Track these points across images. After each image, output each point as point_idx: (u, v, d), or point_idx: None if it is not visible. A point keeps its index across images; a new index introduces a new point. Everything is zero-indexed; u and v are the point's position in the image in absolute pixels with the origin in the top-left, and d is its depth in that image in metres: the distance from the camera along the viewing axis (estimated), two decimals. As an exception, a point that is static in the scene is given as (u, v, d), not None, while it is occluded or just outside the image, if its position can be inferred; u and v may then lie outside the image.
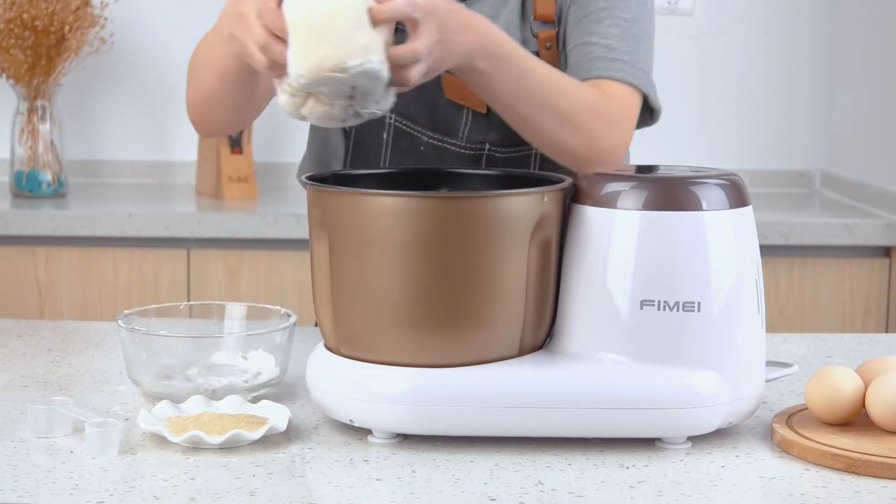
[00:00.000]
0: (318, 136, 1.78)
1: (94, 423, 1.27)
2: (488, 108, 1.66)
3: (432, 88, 1.68)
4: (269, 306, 1.54)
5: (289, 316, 1.49)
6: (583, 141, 1.52)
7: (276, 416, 1.33)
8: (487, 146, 1.66)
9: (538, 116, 1.49)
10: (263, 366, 1.46)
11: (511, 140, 1.64)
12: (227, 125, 1.67)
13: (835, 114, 3.40)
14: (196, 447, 1.28)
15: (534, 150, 1.66)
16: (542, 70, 1.50)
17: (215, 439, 1.27)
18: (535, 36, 1.66)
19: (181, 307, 1.56)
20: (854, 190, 3.20)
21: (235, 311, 1.55)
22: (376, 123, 1.70)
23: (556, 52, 1.66)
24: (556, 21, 1.66)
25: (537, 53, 1.65)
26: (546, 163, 1.64)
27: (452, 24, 1.37)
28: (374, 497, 1.18)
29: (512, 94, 1.47)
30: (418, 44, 1.33)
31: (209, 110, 1.61)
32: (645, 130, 1.73)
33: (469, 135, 1.67)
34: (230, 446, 1.28)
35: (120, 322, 1.46)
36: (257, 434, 1.29)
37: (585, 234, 1.32)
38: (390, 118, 1.69)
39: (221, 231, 2.83)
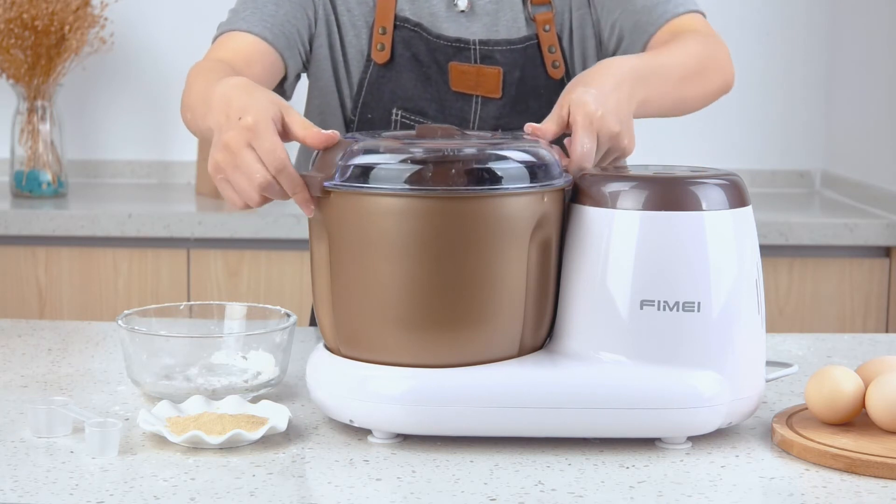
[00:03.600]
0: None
1: (94, 423, 1.27)
2: (503, 92, 1.68)
3: (438, 82, 1.69)
4: (269, 306, 1.54)
5: (289, 316, 1.49)
6: (721, 76, 1.66)
7: (276, 416, 1.33)
8: (500, 132, 1.68)
9: (687, 92, 1.59)
10: (263, 366, 1.46)
11: (523, 122, 1.67)
12: None
13: (834, 114, 3.40)
14: (196, 447, 1.28)
15: None
16: (662, 58, 1.57)
17: (215, 439, 1.27)
18: (534, 19, 1.69)
19: (181, 307, 1.56)
20: (854, 190, 3.20)
21: (235, 311, 1.55)
22: (381, 120, 1.70)
23: (554, 34, 1.69)
24: (552, 3, 1.71)
25: (537, 35, 1.69)
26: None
27: (593, 92, 1.42)
28: (374, 497, 1.18)
29: (663, 94, 1.53)
30: (578, 148, 1.39)
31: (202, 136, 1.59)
32: (645, 130, 1.74)
33: (480, 123, 1.69)
34: (230, 446, 1.28)
35: (120, 322, 1.46)
36: (257, 434, 1.29)
37: (585, 234, 1.32)
38: (396, 114, 1.70)
39: (221, 231, 2.83)
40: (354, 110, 1.72)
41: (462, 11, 1.71)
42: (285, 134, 1.33)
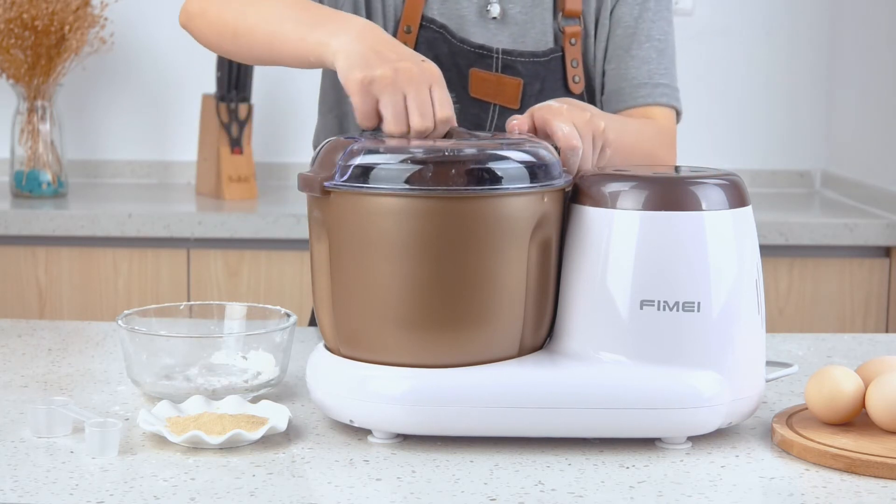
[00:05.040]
0: (330, 133, 1.79)
1: (94, 423, 1.27)
2: (521, 103, 1.68)
3: (457, 87, 1.69)
4: (269, 306, 1.54)
5: (289, 316, 1.49)
6: None
7: (276, 416, 1.33)
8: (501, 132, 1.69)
9: (630, 159, 1.63)
10: (263, 366, 1.46)
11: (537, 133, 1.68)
12: (228, 54, 1.64)
13: (835, 114, 3.40)
14: (196, 447, 1.28)
15: None
16: (626, 123, 1.66)
17: (215, 439, 1.27)
18: (562, 31, 1.69)
19: (181, 307, 1.56)
20: (854, 190, 3.20)
21: (235, 311, 1.55)
22: None
23: (580, 48, 1.70)
24: (582, 18, 1.73)
25: (562, 48, 1.71)
26: None
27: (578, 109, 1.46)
28: (374, 497, 1.18)
29: (616, 147, 1.55)
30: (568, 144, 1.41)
31: (227, 42, 1.58)
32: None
33: (496, 130, 1.69)
34: (230, 446, 1.28)
35: (120, 322, 1.46)
36: (257, 434, 1.29)
37: (585, 234, 1.32)
38: None
39: (221, 231, 2.83)
40: None
41: (494, 18, 1.71)
42: None
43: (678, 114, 1.78)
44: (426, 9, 1.70)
